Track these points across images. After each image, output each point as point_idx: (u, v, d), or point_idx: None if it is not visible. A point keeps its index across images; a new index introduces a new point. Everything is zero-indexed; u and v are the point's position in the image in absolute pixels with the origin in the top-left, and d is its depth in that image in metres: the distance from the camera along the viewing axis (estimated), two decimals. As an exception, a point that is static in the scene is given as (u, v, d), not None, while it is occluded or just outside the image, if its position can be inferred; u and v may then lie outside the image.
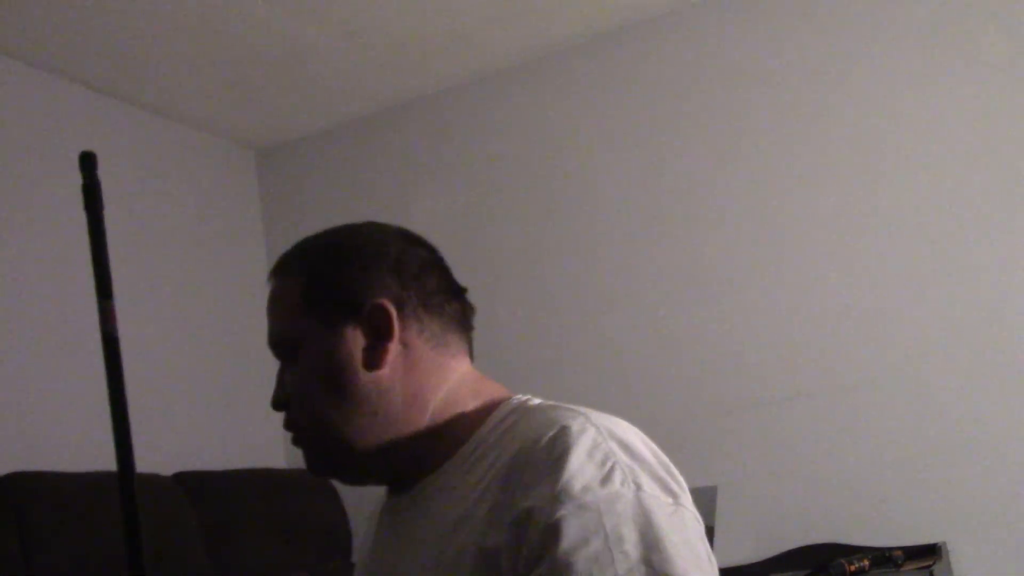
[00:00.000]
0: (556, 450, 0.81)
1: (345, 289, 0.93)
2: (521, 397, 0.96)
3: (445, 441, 0.92)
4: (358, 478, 0.97)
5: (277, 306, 0.98)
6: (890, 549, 2.23)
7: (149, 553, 0.91)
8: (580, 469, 0.79)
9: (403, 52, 2.95)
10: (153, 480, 2.40)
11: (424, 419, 0.92)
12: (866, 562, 2.12)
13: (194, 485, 2.60)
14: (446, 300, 0.97)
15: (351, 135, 3.37)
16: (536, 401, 0.94)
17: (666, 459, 0.87)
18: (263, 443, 3.21)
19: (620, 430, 0.86)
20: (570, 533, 0.76)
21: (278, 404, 0.97)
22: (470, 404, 0.94)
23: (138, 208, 2.88)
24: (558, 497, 0.78)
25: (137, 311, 2.76)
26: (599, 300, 2.89)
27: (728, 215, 2.75)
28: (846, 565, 2.09)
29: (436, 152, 3.22)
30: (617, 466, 0.80)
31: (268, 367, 1.02)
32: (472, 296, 1.02)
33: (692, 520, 0.82)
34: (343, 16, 2.70)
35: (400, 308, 0.92)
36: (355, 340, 0.92)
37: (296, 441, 0.96)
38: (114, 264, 0.96)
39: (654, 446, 0.87)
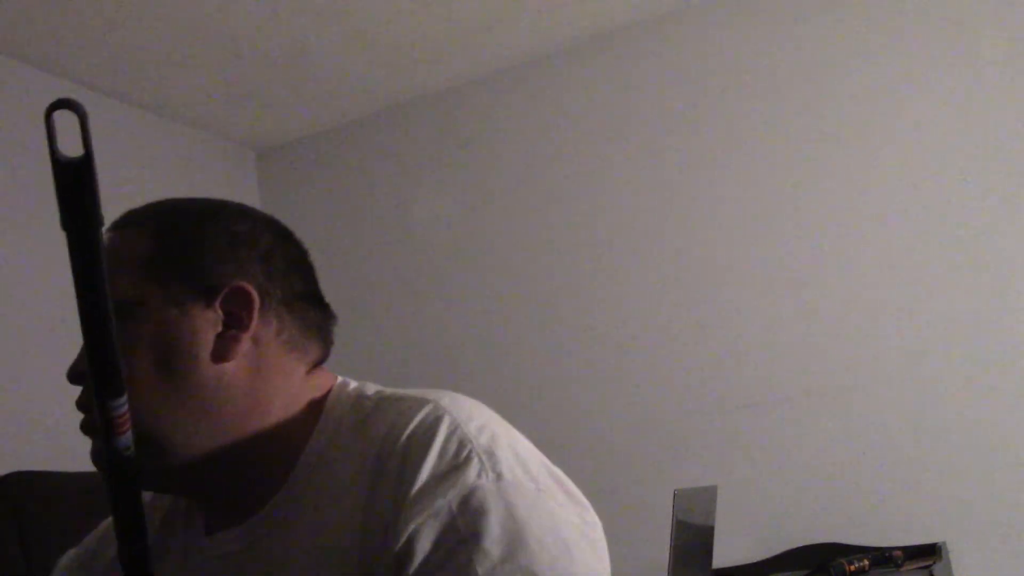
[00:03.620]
0: (411, 454, 0.73)
1: (205, 263, 0.79)
2: (348, 385, 0.85)
3: (282, 451, 0.80)
4: (159, 484, 0.82)
5: (112, 260, 0.77)
6: (890, 549, 2.23)
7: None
8: (433, 469, 0.72)
9: (403, 52, 2.95)
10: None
11: (262, 427, 0.79)
12: (866, 562, 2.12)
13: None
14: (310, 305, 0.85)
15: (351, 135, 3.37)
16: (371, 390, 0.84)
17: (530, 445, 0.80)
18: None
19: (476, 413, 0.78)
20: (424, 545, 0.70)
21: (76, 376, 0.80)
22: (301, 403, 0.82)
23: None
24: (412, 506, 0.71)
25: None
26: (599, 300, 2.89)
27: (728, 215, 2.75)
28: (846, 565, 2.09)
29: (436, 152, 3.22)
30: (473, 455, 0.73)
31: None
32: (472, 296, 1.00)
33: (557, 508, 0.74)
34: (343, 16, 2.70)
35: (262, 300, 0.80)
36: (204, 322, 0.78)
37: (85, 426, 0.81)
38: None
39: (513, 431, 0.80)
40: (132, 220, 0.83)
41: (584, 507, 0.78)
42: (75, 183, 0.59)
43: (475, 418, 0.77)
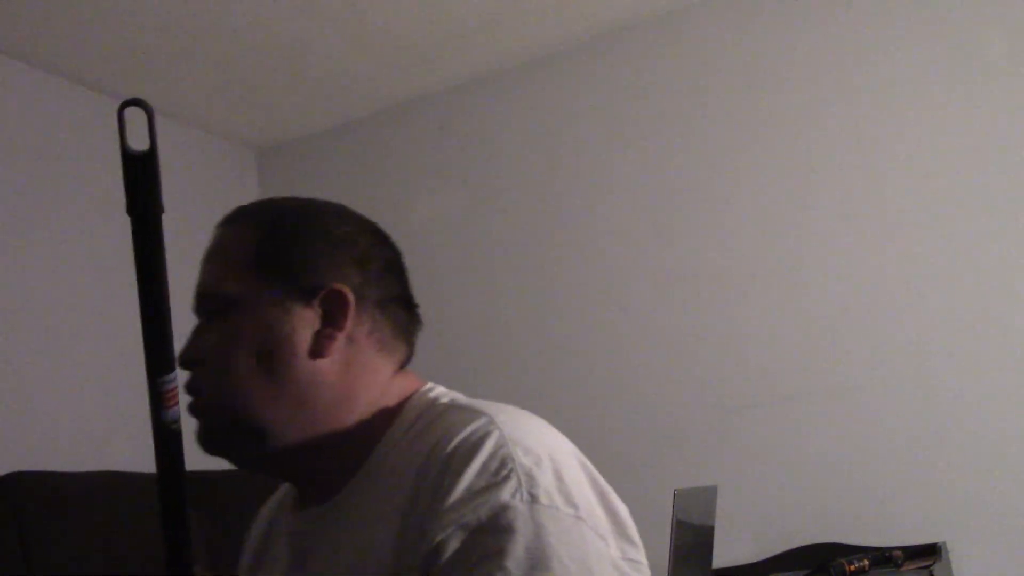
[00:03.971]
0: (452, 465, 0.75)
1: (308, 264, 0.85)
2: (431, 391, 0.90)
3: (360, 445, 0.85)
4: (256, 466, 0.88)
5: (220, 256, 0.87)
6: (890, 549, 2.23)
7: (148, 554, 0.89)
8: (470, 485, 0.73)
9: (403, 52, 2.95)
10: (153, 480, 2.40)
11: (348, 421, 0.85)
12: (866, 562, 2.12)
13: (193, 485, 2.60)
14: (400, 308, 0.91)
15: (351, 135, 3.37)
16: (447, 398, 0.88)
17: (596, 476, 0.81)
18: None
19: (530, 435, 0.79)
20: (449, 554, 0.71)
21: (189, 362, 0.85)
22: (386, 402, 0.88)
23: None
24: (444, 516, 0.73)
25: (135, 310, 2.75)
26: (599, 300, 2.89)
27: (728, 215, 2.75)
28: (846, 565, 2.09)
29: (436, 152, 3.22)
30: (513, 475, 0.74)
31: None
32: (471, 296, 1.02)
33: (593, 538, 0.75)
34: (344, 16, 2.70)
35: (357, 302, 0.86)
36: (303, 320, 0.84)
37: (194, 408, 0.85)
38: (113, 264, 0.93)
39: (580, 460, 0.81)
40: (240, 217, 0.90)
41: (634, 545, 0.79)
42: (141, 173, 0.68)
43: (526, 439, 0.77)
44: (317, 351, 0.84)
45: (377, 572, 0.76)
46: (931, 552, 2.26)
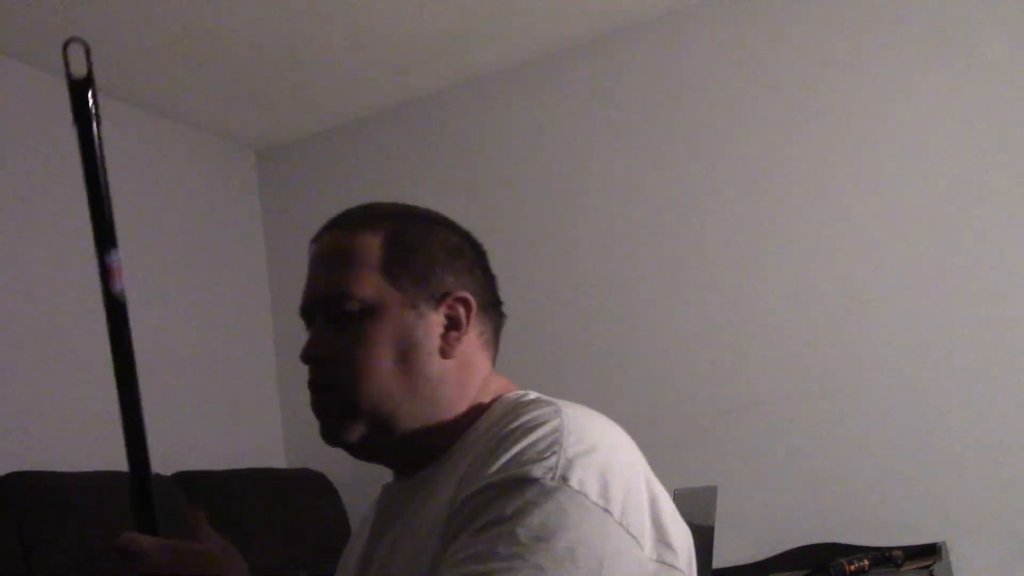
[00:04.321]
0: (508, 439, 0.81)
1: (435, 270, 0.94)
2: (523, 393, 0.96)
3: (451, 434, 0.92)
4: (378, 455, 0.95)
5: (344, 261, 0.92)
6: (890, 549, 2.23)
7: None
8: (515, 455, 0.79)
9: (403, 52, 2.95)
10: (152, 480, 2.40)
11: (454, 414, 0.93)
12: (866, 562, 2.12)
13: (194, 485, 2.60)
14: (494, 309, 1.01)
15: (351, 135, 3.37)
16: (533, 395, 0.94)
17: (651, 478, 0.86)
18: (263, 443, 3.21)
19: (591, 428, 0.84)
20: (474, 511, 0.77)
21: (316, 360, 0.91)
22: (481, 398, 0.95)
23: (138, 208, 2.88)
24: (483, 477, 0.79)
25: (136, 311, 2.75)
26: (598, 300, 2.89)
27: (727, 215, 2.75)
28: (846, 565, 2.09)
29: (436, 152, 3.22)
30: (553, 457, 0.78)
31: (268, 367, 1.01)
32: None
33: (619, 533, 0.77)
34: (343, 16, 2.70)
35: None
36: (433, 323, 0.92)
37: (320, 404, 0.91)
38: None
39: (636, 462, 0.85)
40: (361, 222, 0.95)
41: (674, 552, 0.82)
42: (82, 93, 0.77)
43: (584, 431, 0.82)
44: (444, 352, 0.92)
45: (430, 532, 0.82)
46: (931, 552, 2.25)
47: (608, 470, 0.80)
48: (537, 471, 0.77)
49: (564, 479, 0.77)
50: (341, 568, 1.03)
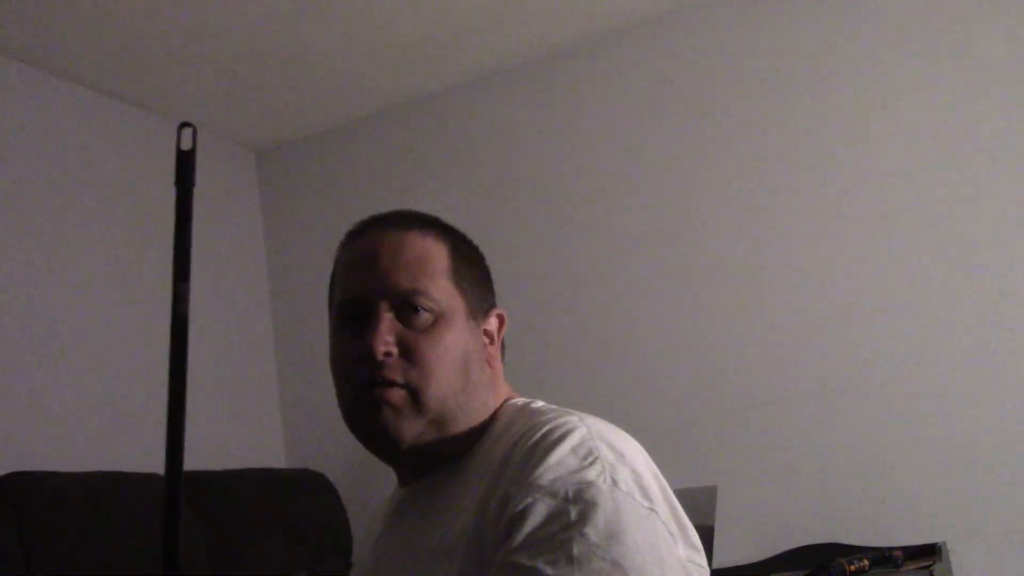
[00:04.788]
0: (543, 444, 0.84)
1: (485, 285, 1.03)
2: (526, 400, 1.01)
3: (468, 437, 0.96)
4: (417, 455, 0.95)
5: (421, 262, 0.96)
6: (890, 549, 2.23)
7: (149, 554, 0.88)
8: (560, 462, 0.81)
9: (403, 52, 2.95)
10: (153, 480, 2.40)
11: (480, 418, 0.97)
12: (866, 562, 2.12)
13: (194, 485, 2.60)
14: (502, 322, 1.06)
15: (351, 135, 3.37)
16: (539, 403, 0.99)
17: (665, 484, 0.89)
18: (263, 443, 3.20)
19: (614, 436, 0.88)
20: (535, 517, 0.78)
21: (387, 354, 0.92)
22: (496, 404, 1.00)
23: (137, 208, 2.88)
24: (532, 484, 0.80)
25: (136, 311, 2.75)
26: (599, 301, 2.89)
27: (727, 215, 2.75)
28: (846, 565, 2.09)
29: (437, 153, 3.22)
30: (598, 461, 0.82)
31: (268, 367, 1.01)
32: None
33: (664, 532, 0.82)
34: (343, 16, 2.70)
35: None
36: (481, 335, 1.00)
37: (384, 397, 0.91)
38: (113, 264, 0.95)
39: (654, 468, 0.90)
40: (424, 227, 0.99)
41: (696, 550, 0.88)
42: (186, 162, 0.83)
43: (610, 438, 0.87)
44: (488, 361, 1.00)
45: (458, 535, 0.85)
46: (931, 552, 2.25)
47: (640, 475, 0.84)
48: (590, 474, 0.80)
49: (615, 481, 0.81)
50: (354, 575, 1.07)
